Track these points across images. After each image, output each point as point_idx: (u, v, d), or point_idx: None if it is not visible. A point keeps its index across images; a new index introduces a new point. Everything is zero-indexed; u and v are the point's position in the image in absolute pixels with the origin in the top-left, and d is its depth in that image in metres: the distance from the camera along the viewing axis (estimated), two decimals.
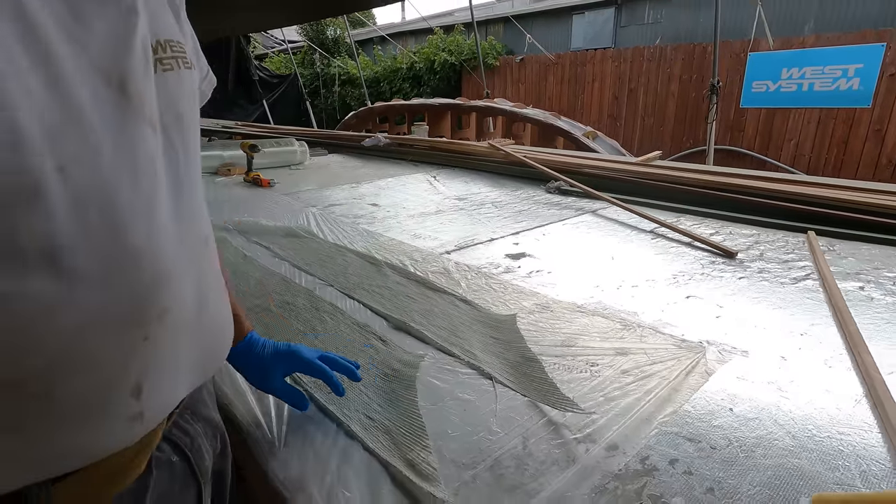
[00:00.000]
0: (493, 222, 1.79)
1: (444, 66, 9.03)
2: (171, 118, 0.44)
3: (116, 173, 0.37)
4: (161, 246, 0.41)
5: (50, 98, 0.33)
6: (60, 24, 0.35)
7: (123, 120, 0.39)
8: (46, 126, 0.33)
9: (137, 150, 0.39)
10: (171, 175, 0.43)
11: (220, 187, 2.52)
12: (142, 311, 0.40)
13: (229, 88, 9.23)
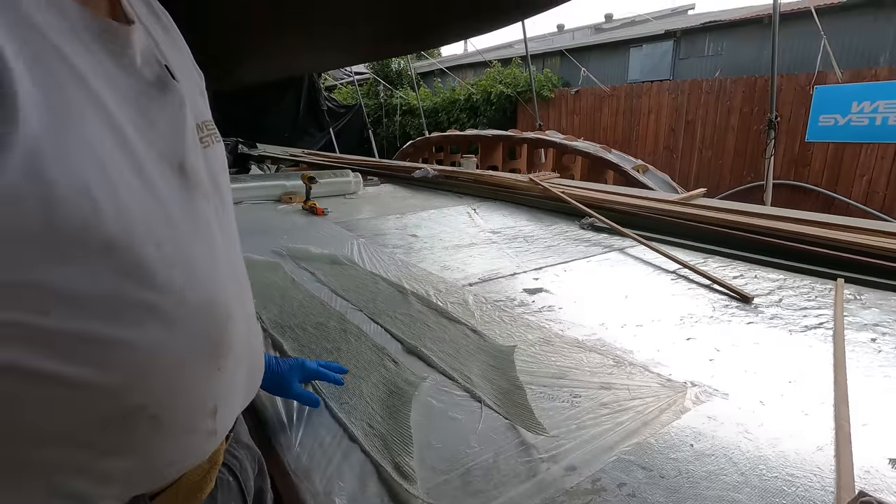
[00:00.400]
0: (520, 256, 1.90)
1: (500, 97, 9.28)
2: (213, 185, 0.53)
3: (189, 238, 0.47)
4: (224, 291, 0.50)
5: (141, 189, 0.42)
6: (136, 126, 0.44)
7: (187, 195, 0.48)
8: (143, 212, 0.42)
9: (198, 216, 0.49)
10: (220, 231, 0.52)
11: (281, 214, 2.80)
12: (216, 347, 0.49)
13: (300, 117, 9.90)
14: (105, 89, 0.41)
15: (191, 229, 0.47)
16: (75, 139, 0.38)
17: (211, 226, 0.51)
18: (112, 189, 0.39)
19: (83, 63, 0.40)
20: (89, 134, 0.39)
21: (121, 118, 0.42)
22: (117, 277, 0.40)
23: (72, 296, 0.38)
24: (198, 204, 0.49)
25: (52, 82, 0.37)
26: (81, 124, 0.38)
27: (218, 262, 0.50)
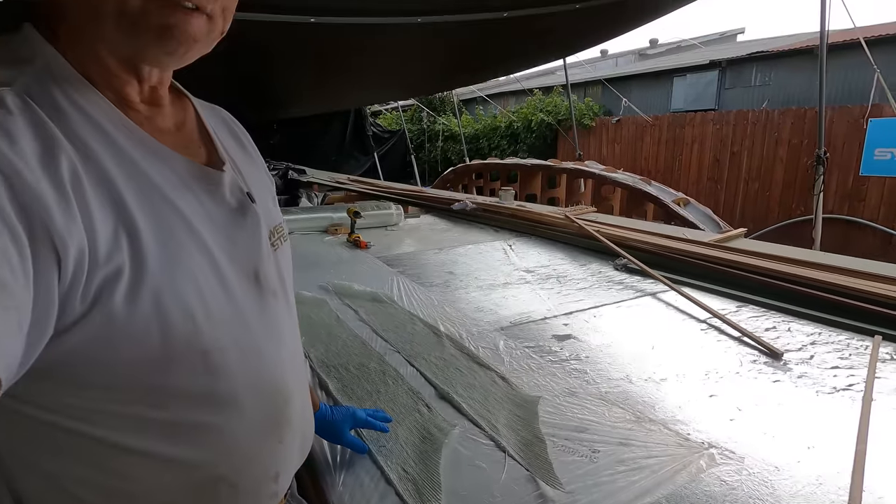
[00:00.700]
0: (552, 299, 1.97)
1: (540, 125, 9.39)
2: (280, 283, 0.60)
3: (260, 334, 0.55)
4: (286, 377, 0.59)
5: (226, 302, 0.51)
6: (223, 248, 0.52)
7: (260, 298, 0.55)
8: (227, 320, 0.51)
9: (268, 315, 0.56)
10: (285, 322, 0.60)
11: (327, 246, 2.97)
12: (279, 425, 0.58)
13: (346, 142, 10.31)
14: (203, 223, 0.51)
15: (262, 327, 0.56)
16: (182, 274, 0.47)
17: (279, 320, 0.59)
18: (207, 309, 0.49)
19: (187, 206, 0.50)
20: (192, 266, 0.48)
21: (213, 244, 0.51)
22: (209, 375, 0.50)
23: (177, 392, 0.49)
24: (268, 303, 0.57)
25: (166, 228, 0.47)
26: (187, 260, 0.48)
27: (283, 353, 0.59)
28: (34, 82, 0.42)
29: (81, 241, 0.39)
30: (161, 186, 0.48)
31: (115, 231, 0.43)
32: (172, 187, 0.49)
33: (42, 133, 0.39)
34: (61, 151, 0.40)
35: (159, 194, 0.47)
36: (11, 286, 0.34)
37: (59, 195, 0.38)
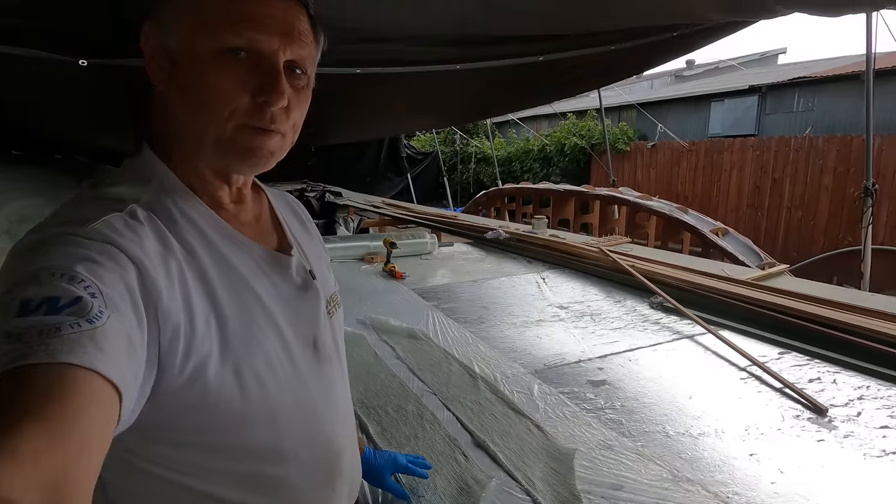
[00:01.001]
0: (586, 340, 1.97)
1: (573, 149, 9.39)
2: (335, 347, 0.67)
3: (317, 396, 0.62)
4: (339, 432, 0.65)
5: (291, 370, 0.58)
6: (288, 321, 0.60)
7: (317, 364, 0.62)
8: (291, 385, 0.58)
9: (323, 377, 0.63)
10: (338, 384, 0.67)
11: (363, 275, 3.06)
12: (332, 475, 0.64)
13: (381, 164, 10.55)
14: (274, 302, 0.60)
15: (319, 390, 0.64)
16: (257, 348, 0.56)
17: (333, 382, 0.67)
18: (275, 377, 0.57)
19: (263, 289, 0.59)
20: (265, 341, 0.57)
21: (281, 320, 0.59)
22: (276, 434, 0.58)
23: (250, 448, 0.57)
24: (324, 367, 0.64)
25: (247, 311, 0.56)
26: (261, 336, 0.57)
27: (336, 412, 0.67)
28: (154, 197, 0.53)
29: (178, 322, 0.48)
30: (244, 274, 0.58)
31: (208, 318, 0.52)
32: (252, 273, 0.59)
33: (161, 238, 0.50)
34: (173, 253, 0.51)
35: (243, 281, 0.57)
36: (136, 344, 0.43)
37: (168, 285, 0.48)
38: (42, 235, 0.44)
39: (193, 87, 0.52)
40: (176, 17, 0.52)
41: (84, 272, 0.40)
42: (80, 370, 0.35)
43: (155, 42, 0.53)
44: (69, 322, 0.37)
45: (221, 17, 0.51)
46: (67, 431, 0.33)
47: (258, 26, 0.51)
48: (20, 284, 0.38)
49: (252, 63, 0.52)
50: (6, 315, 0.37)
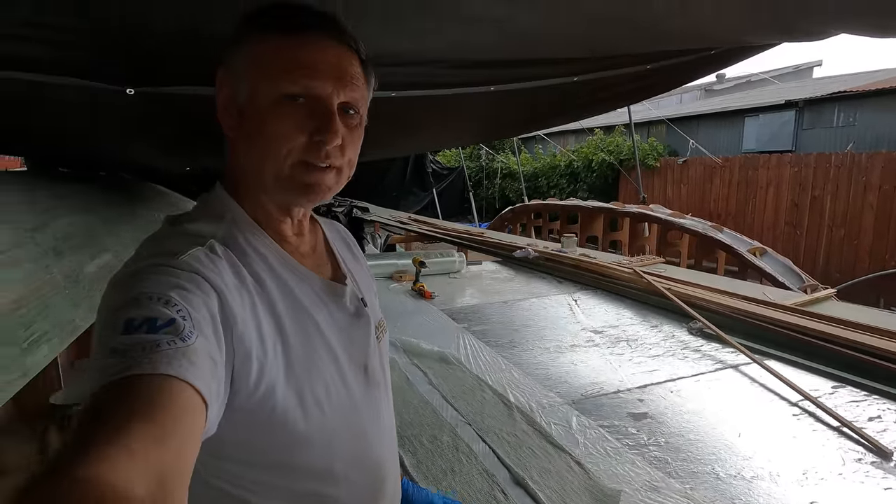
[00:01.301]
0: (624, 367, 1.90)
1: (601, 165, 9.28)
2: (382, 371, 0.69)
3: (367, 420, 0.63)
4: (385, 455, 0.67)
5: (345, 394, 0.61)
6: (343, 347, 0.62)
7: (367, 388, 0.64)
8: (344, 408, 0.60)
9: (372, 401, 0.65)
10: (384, 408, 0.68)
11: (393, 293, 3.05)
12: (377, 496, 0.65)
13: (407, 178, 10.64)
14: (330, 329, 0.62)
15: (368, 413, 0.65)
16: (316, 373, 0.58)
17: (381, 407, 0.68)
18: (331, 401, 0.59)
19: (321, 317, 0.61)
20: (322, 367, 0.59)
21: (337, 346, 0.62)
22: (331, 455, 0.60)
23: (306, 468, 0.59)
24: (372, 392, 0.66)
25: (307, 338, 0.58)
26: (319, 362, 0.59)
27: (383, 436, 0.68)
28: (227, 233, 0.58)
29: (250, 347, 0.53)
30: (305, 304, 0.60)
31: (275, 345, 0.55)
32: (312, 303, 0.61)
33: (235, 270, 0.55)
34: (245, 284, 0.55)
35: (304, 311, 0.60)
36: (217, 363, 0.47)
37: (242, 313, 0.53)
38: (139, 266, 0.50)
39: (258, 132, 0.56)
40: (244, 68, 0.57)
41: (177, 297, 0.46)
42: (177, 381, 0.40)
43: (227, 91, 0.58)
44: (166, 340, 0.42)
45: (280, 67, 0.55)
46: (170, 432, 0.38)
47: (313, 73, 0.56)
48: (123, 307, 0.44)
49: (309, 107, 0.56)
50: (112, 333, 0.42)
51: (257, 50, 0.56)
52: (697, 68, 2.51)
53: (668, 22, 1.12)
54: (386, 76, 1.74)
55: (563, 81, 2.15)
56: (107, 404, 0.38)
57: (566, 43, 1.41)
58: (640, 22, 1.12)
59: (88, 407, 0.38)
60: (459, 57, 1.56)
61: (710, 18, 1.08)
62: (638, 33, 1.35)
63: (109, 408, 0.37)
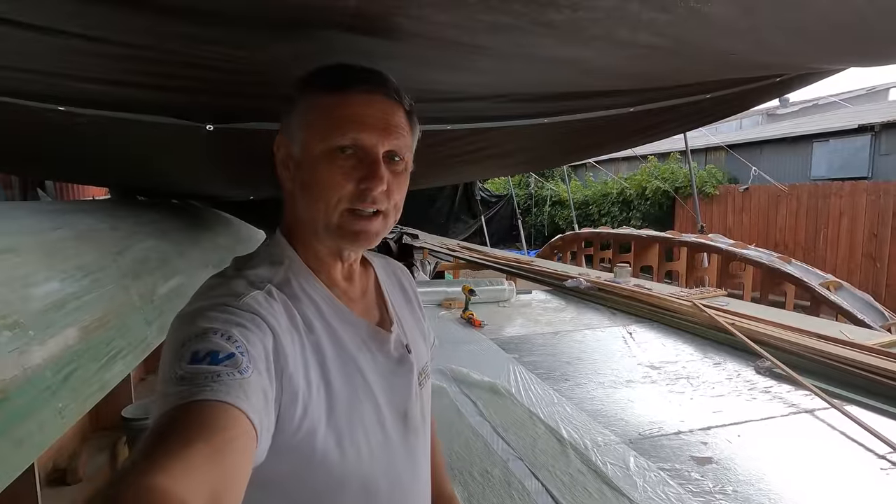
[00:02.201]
0: (684, 407, 1.80)
1: (656, 192, 9.02)
2: (422, 418, 0.69)
3: (403, 466, 0.65)
4: (425, 495, 0.69)
5: (382, 440, 0.62)
6: (384, 393, 0.64)
7: (405, 434, 0.65)
8: (382, 455, 0.62)
9: (409, 448, 0.66)
10: (421, 455, 0.69)
11: (442, 321, 3.06)
12: None
13: (455, 206, 10.76)
14: (373, 375, 0.63)
15: (405, 459, 0.66)
16: (356, 418, 0.60)
17: (417, 453, 0.69)
18: (370, 447, 0.61)
19: (365, 362, 0.63)
20: (363, 412, 0.61)
21: (378, 392, 0.63)
22: (365, 499, 0.61)
23: None
24: (410, 438, 0.67)
25: (350, 382, 0.61)
26: (360, 407, 0.61)
27: (418, 483, 0.69)
28: (284, 278, 0.61)
29: (297, 387, 0.55)
30: (350, 348, 0.63)
31: (319, 387, 0.57)
32: (357, 348, 0.63)
33: (289, 313, 0.58)
34: (297, 326, 0.58)
35: (349, 355, 0.62)
36: (269, 399, 0.50)
37: (293, 353, 0.56)
38: (207, 304, 0.54)
39: (311, 182, 0.61)
40: (298, 128, 0.62)
41: (237, 334, 0.50)
42: (233, 409, 0.44)
43: (284, 151, 0.64)
44: (226, 371, 0.46)
45: (331, 123, 0.60)
46: (226, 454, 0.41)
47: (361, 127, 0.60)
48: (191, 340, 0.49)
49: (357, 157, 0.60)
50: (180, 362, 0.47)
51: (310, 108, 0.61)
52: (760, 95, 2.42)
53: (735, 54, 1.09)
54: (441, 111, 1.80)
55: (617, 113, 2.13)
56: (171, 425, 0.42)
57: (625, 76, 1.40)
58: (705, 56, 1.09)
59: (155, 427, 0.42)
60: (517, 92, 1.58)
61: (782, 47, 1.04)
62: (701, 66, 1.32)
63: (173, 429, 0.41)
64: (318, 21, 0.69)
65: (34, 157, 2.28)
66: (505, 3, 0.66)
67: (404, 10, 0.67)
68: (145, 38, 0.80)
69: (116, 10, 0.66)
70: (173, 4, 0.65)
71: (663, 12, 0.70)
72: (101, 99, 1.30)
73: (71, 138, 1.80)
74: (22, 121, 1.55)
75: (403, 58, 0.67)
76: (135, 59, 0.93)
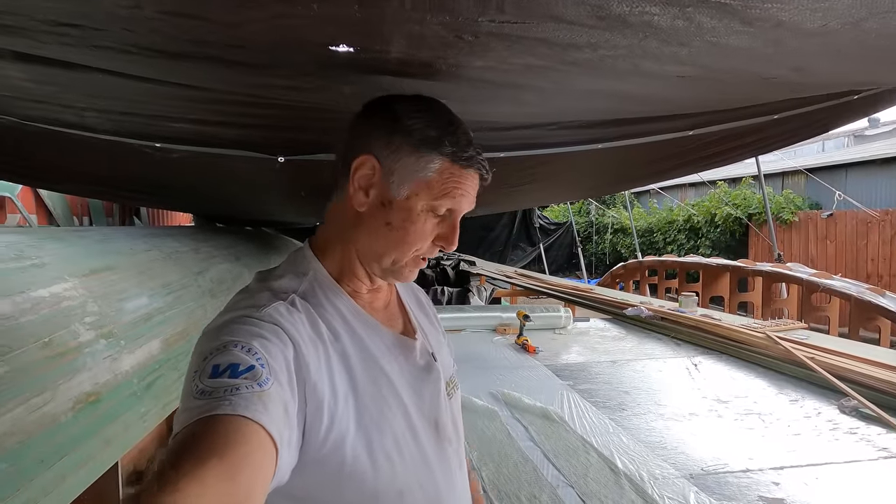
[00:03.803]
0: (754, 444, 1.68)
1: (726, 219, 8.54)
2: (454, 428, 0.69)
3: (438, 476, 0.64)
4: None
5: (415, 450, 0.61)
6: (414, 402, 0.64)
7: (438, 444, 0.65)
8: (415, 465, 0.61)
9: (443, 457, 0.65)
10: (456, 466, 0.68)
11: (496, 346, 3.05)
12: None
13: (513, 233, 10.72)
14: (401, 383, 0.64)
15: (440, 470, 0.66)
16: (386, 426, 0.60)
17: (451, 463, 0.68)
18: (401, 455, 0.60)
19: (392, 370, 0.64)
20: (393, 420, 0.61)
21: (408, 400, 0.63)
22: None
23: None
24: (443, 448, 0.67)
25: (378, 390, 0.61)
26: (390, 415, 0.61)
27: (455, 493, 0.68)
28: (309, 288, 0.62)
29: (323, 398, 0.55)
30: (376, 356, 0.63)
31: (347, 396, 0.58)
32: (382, 355, 0.64)
33: (312, 323, 0.59)
34: (321, 336, 0.59)
35: (376, 363, 0.63)
36: (290, 412, 0.50)
37: (317, 363, 0.56)
38: (230, 317, 0.56)
39: (401, 228, 0.62)
40: (410, 177, 0.62)
41: (258, 346, 0.50)
42: (251, 423, 0.44)
43: (368, 173, 0.62)
44: (245, 384, 0.46)
45: (445, 192, 0.62)
46: (241, 469, 0.42)
47: (463, 199, 0.64)
48: (213, 353, 0.50)
49: (444, 219, 0.64)
50: (203, 376, 0.48)
51: (430, 165, 0.62)
52: (839, 115, 2.29)
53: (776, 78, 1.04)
54: (493, 140, 1.86)
55: (675, 137, 2.09)
56: (186, 442, 0.42)
57: (671, 102, 1.38)
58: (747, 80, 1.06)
59: (174, 443, 0.43)
60: (566, 120, 1.60)
61: (825, 69, 1.00)
62: (750, 90, 1.27)
63: (188, 446, 0.42)
64: (368, 71, 0.77)
65: (133, 187, 2.58)
66: (530, 48, 0.70)
67: (443, 59, 0.74)
68: (227, 85, 0.92)
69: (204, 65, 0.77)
70: (250, 62, 0.76)
71: (682, 46, 0.71)
72: (190, 136, 1.47)
73: (164, 171, 2.03)
74: (126, 157, 1.78)
75: (448, 97, 0.74)
76: (218, 101, 1.06)
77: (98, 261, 2.13)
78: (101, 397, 1.64)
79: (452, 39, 0.67)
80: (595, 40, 0.67)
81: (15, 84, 1.06)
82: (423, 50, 0.71)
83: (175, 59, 0.75)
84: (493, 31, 0.66)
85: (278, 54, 0.73)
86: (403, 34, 0.66)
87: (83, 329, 1.78)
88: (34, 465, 1.39)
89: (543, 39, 0.67)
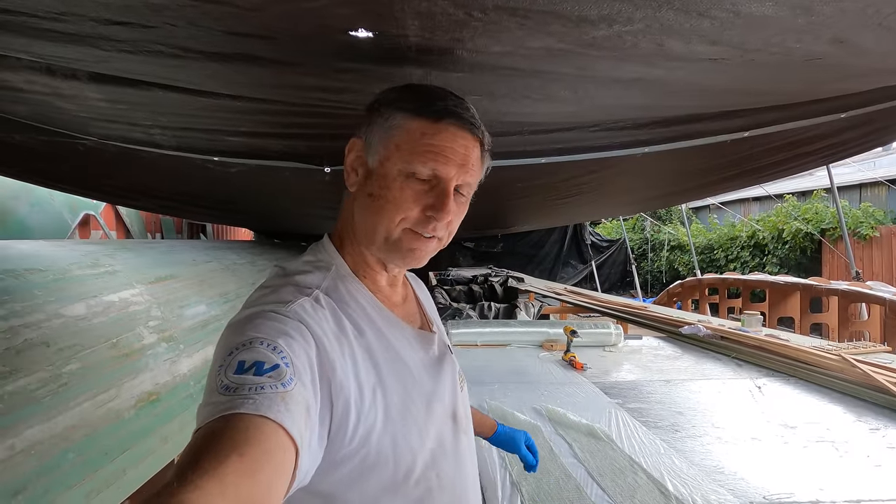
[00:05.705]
0: (825, 474, 1.53)
1: (796, 235, 7.98)
2: (466, 420, 0.72)
3: (453, 464, 0.66)
4: (474, 496, 0.71)
5: (435, 439, 0.63)
6: (434, 391, 0.65)
7: (454, 434, 0.67)
8: (435, 454, 0.63)
9: (459, 447, 0.68)
10: (468, 457, 0.71)
11: (542, 362, 2.97)
12: None
13: (564, 250, 10.51)
14: (421, 374, 0.65)
15: (456, 459, 0.67)
16: (410, 419, 0.61)
17: (465, 453, 0.70)
18: (423, 445, 0.62)
19: (411, 359, 0.65)
20: (415, 412, 0.62)
21: (428, 389, 0.65)
22: (419, 495, 0.61)
23: None
24: (460, 438, 0.69)
25: (401, 382, 0.62)
26: (412, 407, 0.62)
27: (469, 482, 0.69)
28: (331, 283, 0.63)
29: (349, 394, 0.56)
30: (399, 350, 0.65)
31: (374, 390, 0.59)
32: (404, 349, 0.66)
33: (336, 319, 0.59)
34: (345, 332, 0.59)
35: (398, 357, 0.64)
36: (312, 412, 0.50)
37: (342, 360, 0.56)
38: (255, 311, 0.55)
39: (380, 195, 0.62)
40: (379, 142, 0.63)
41: (283, 344, 0.50)
42: (272, 423, 0.44)
43: (356, 155, 0.65)
44: (269, 384, 0.46)
45: (417, 150, 0.61)
46: (262, 467, 0.41)
47: (443, 160, 0.61)
48: (238, 348, 0.50)
49: (429, 185, 0.62)
50: (227, 371, 0.48)
51: (398, 127, 0.62)
52: None
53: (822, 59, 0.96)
54: (536, 144, 1.84)
55: (732, 138, 2.00)
56: (209, 439, 0.42)
57: (718, 93, 1.31)
58: (791, 65, 0.99)
59: (196, 440, 0.43)
60: (606, 120, 1.57)
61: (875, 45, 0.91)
62: (800, 78, 1.17)
63: (211, 442, 0.42)
64: (390, 58, 0.79)
65: (198, 202, 2.78)
66: (544, 25, 0.70)
67: (460, 42, 0.75)
68: (267, 91, 0.98)
69: (242, 66, 0.83)
70: (282, 58, 0.80)
71: (702, 17, 0.68)
72: (242, 150, 1.57)
73: (223, 186, 2.17)
74: (189, 172, 1.92)
75: (477, 91, 0.74)
76: (263, 112, 1.13)
77: (163, 270, 2.29)
78: (160, 397, 1.75)
79: (463, 17, 0.68)
80: (607, 12, 0.66)
81: (92, 105, 1.18)
82: (437, 32, 0.72)
83: (215, 60, 0.81)
84: (500, 5, 0.66)
85: (305, 47, 0.77)
86: (414, 12, 0.68)
87: (147, 332, 1.92)
88: (99, 457, 1.50)
89: (551, 12, 0.66)
